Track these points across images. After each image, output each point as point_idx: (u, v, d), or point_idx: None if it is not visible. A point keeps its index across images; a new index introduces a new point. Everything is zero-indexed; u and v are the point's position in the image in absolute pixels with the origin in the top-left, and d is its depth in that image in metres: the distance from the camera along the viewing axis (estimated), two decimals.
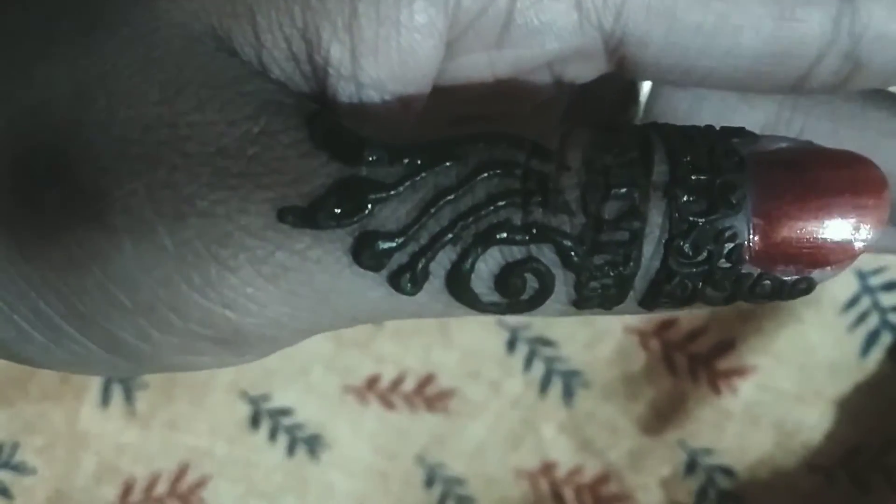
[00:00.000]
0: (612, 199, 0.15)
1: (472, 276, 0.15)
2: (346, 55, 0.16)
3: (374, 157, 0.15)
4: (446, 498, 0.29)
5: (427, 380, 0.29)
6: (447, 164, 0.15)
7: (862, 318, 0.27)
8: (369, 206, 0.15)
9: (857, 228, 0.15)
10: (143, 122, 0.15)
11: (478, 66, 0.17)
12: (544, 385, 0.29)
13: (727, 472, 0.28)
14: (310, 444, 0.29)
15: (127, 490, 0.28)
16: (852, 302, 0.27)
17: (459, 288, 0.15)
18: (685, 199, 0.15)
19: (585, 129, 0.15)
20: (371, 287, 0.15)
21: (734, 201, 0.15)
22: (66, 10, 0.16)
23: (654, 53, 0.17)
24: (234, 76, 0.16)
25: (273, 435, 0.29)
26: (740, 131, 0.16)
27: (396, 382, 0.29)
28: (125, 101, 0.15)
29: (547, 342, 0.28)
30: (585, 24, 0.16)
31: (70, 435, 0.28)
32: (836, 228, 0.15)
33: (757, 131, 0.20)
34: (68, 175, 0.15)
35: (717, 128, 0.16)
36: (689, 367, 0.28)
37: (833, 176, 0.15)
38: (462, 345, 0.28)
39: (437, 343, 0.28)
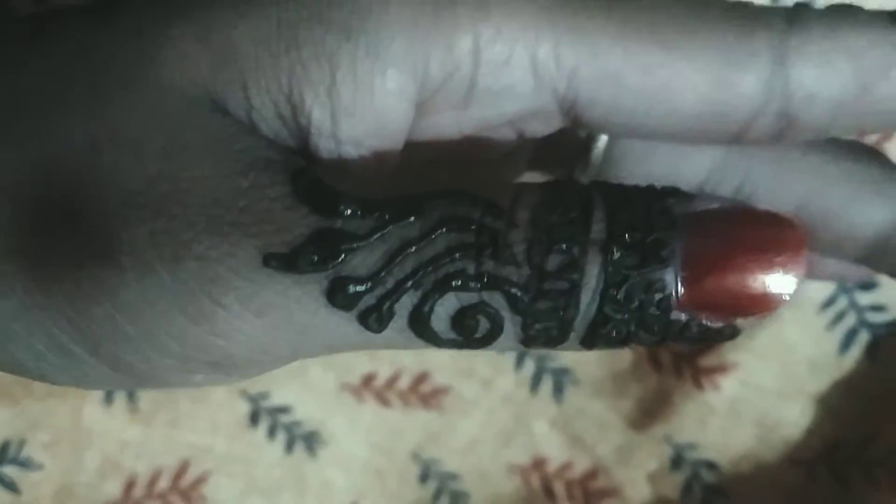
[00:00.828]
0: (554, 254, 0.16)
1: (432, 316, 0.17)
2: (327, 116, 0.18)
3: (349, 211, 0.17)
4: (441, 493, 0.29)
5: (421, 377, 0.29)
6: (412, 218, 0.17)
7: (840, 316, 0.28)
8: (342, 255, 0.17)
9: (777, 283, 0.16)
10: (147, 175, 0.17)
11: (446, 124, 0.19)
12: (535, 382, 0.29)
13: (711, 466, 0.29)
14: (308, 441, 0.29)
15: (130, 486, 0.29)
16: (830, 301, 0.28)
17: (421, 327, 0.17)
18: (619, 254, 0.16)
19: (535, 189, 0.17)
20: (343, 324, 0.17)
21: (663, 256, 0.16)
22: (81, 71, 0.18)
23: (604, 114, 0.18)
24: (227, 135, 0.17)
25: (272, 432, 0.29)
26: (677, 192, 0.17)
27: (392, 380, 0.29)
28: (131, 156, 0.17)
29: None
30: (541, 88, 0.18)
31: (75, 431, 0.28)
32: (757, 283, 0.16)
33: (705, 174, 0.22)
34: (81, 218, 0.17)
35: (658, 187, 0.17)
36: (674, 364, 0.28)
37: (756, 235, 0.17)
38: None
39: None
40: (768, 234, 0.17)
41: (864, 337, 0.28)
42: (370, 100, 0.18)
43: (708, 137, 0.19)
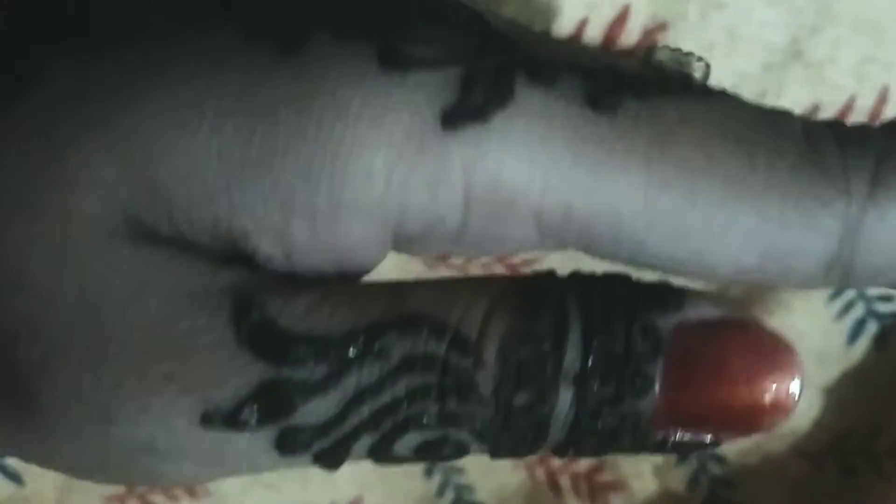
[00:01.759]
0: (524, 391, 0.15)
1: (393, 449, 0.15)
2: (278, 253, 0.15)
3: (300, 357, 0.15)
4: (446, 487, 0.29)
5: None
6: (370, 358, 0.15)
7: (848, 307, 0.28)
8: (293, 408, 0.15)
9: (766, 413, 0.15)
10: (65, 323, 0.15)
11: (434, 251, 0.17)
12: None
13: (718, 459, 0.29)
14: None
15: None
16: (838, 291, 0.27)
17: (381, 458, 0.16)
18: (594, 387, 0.15)
19: (506, 310, 0.15)
20: (296, 461, 0.16)
21: (643, 388, 0.15)
22: None
23: (623, 261, 0.16)
24: (154, 269, 0.15)
25: None
26: (668, 297, 0.15)
27: None
28: (42, 302, 0.15)
29: None
30: (546, 238, 0.16)
31: None
32: (743, 412, 0.15)
33: None
34: (8, 368, 0.15)
35: (646, 289, 0.16)
36: None
37: (748, 364, 0.15)
38: None
39: None
40: (762, 364, 0.15)
41: (872, 327, 0.28)
42: (331, 245, 0.15)
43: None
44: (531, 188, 0.15)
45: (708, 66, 0.18)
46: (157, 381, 0.15)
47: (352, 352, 0.15)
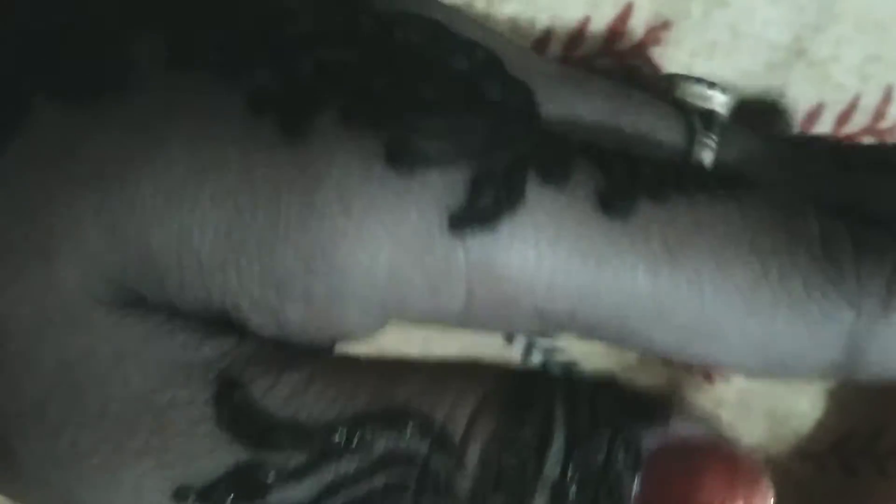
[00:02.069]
0: (500, 493, 0.15)
1: None
2: (270, 325, 0.15)
3: (279, 442, 0.15)
4: None
5: None
6: (351, 449, 0.15)
7: None
8: (267, 492, 0.15)
9: None
10: (42, 388, 0.15)
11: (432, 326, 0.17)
12: None
13: None
14: None
15: None
16: None
17: None
18: (570, 494, 0.15)
19: (493, 414, 0.15)
20: None
21: (618, 500, 0.15)
22: None
23: (629, 350, 0.17)
24: (139, 340, 0.15)
25: None
26: (653, 412, 0.16)
27: None
28: (22, 365, 0.15)
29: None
30: (548, 328, 0.16)
31: None
32: None
33: None
34: None
35: (635, 402, 0.16)
36: None
37: (721, 487, 0.15)
38: (462, 335, 0.28)
39: (437, 333, 0.28)
40: (735, 488, 0.15)
41: None
42: (326, 325, 0.16)
43: None
44: (535, 288, 0.15)
45: (731, 100, 0.18)
46: (132, 454, 0.15)
47: (333, 440, 0.15)
